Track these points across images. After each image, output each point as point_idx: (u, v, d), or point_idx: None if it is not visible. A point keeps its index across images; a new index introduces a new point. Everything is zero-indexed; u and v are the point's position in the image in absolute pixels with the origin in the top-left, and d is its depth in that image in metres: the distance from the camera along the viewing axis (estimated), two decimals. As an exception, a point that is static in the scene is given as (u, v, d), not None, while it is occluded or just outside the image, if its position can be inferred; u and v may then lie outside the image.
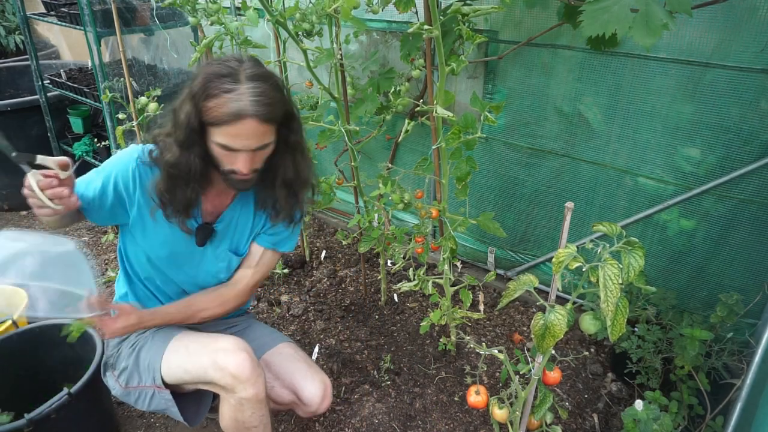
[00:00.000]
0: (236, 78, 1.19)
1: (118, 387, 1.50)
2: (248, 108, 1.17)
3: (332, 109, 2.15)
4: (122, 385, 1.49)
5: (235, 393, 1.35)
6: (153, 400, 1.46)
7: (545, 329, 1.11)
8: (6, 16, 4.95)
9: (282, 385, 1.56)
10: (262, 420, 1.44)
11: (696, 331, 1.68)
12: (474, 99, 1.54)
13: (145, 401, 1.47)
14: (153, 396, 1.46)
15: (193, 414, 1.53)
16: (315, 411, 1.57)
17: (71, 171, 1.20)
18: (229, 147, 1.23)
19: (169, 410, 1.46)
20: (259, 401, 1.39)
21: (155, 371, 1.43)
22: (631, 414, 1.53)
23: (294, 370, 1.57)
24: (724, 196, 1.82)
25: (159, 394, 1.45)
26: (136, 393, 1.48)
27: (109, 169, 1.37)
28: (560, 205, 2.22)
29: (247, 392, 1.35)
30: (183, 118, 1.24)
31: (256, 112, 1.18)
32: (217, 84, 1.19)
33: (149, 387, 1.45)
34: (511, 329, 2.31)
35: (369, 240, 2.05)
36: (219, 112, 1.18)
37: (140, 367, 1.47)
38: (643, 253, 1.01)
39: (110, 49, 2.78)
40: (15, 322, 1.88)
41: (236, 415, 1.40)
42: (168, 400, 1.45)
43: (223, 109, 1.18)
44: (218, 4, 1.92)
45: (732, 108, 1.70)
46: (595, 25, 1.24)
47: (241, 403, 1.36)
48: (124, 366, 1.49)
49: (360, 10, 2.06)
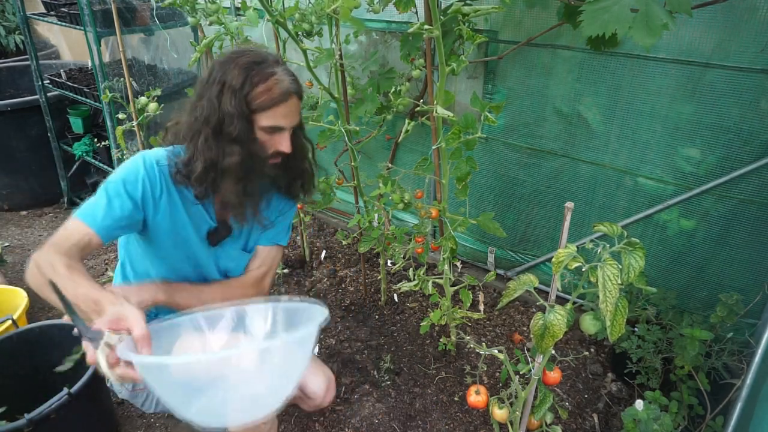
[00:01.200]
0: (270, 63, 1.26)
1: (125, 390, 1.50)
2: (291, 86, 1.27)
3: (332, 109, 2.15)
4: (128, 388, 1.49)
5: None
6: (159, 402, 1.47)
7: (545, 329, 1.11)
8: (6, 16, 4.95)
9: None
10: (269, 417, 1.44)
11: (696, 331, 1.68)
12: (474, 99, 1.54)
13: (151, 403, 1.48)
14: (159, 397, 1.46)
15: None
16: (319, 404, 1.57)
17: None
18: (278, 127, 1.28)
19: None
20: None
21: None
22: (631, 414, 1.53)
23: None
24: (724, 196, 1.82)
25: None
26: (143, 395, 1.48)
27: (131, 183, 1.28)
28: (560, 205, 2.22)
29: None
30: (231, 110, 1.23)
31: (297, 90, 1.29)
32: (258, 70, 1.23)
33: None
34: (511, 329, 2.31)
35: (369, 240, 2.05)
36: (270, 95, 1.24)
37: None
38: (643, 254, 1.01)
39: (110, 49, 2.78)
40: (15, 322, 1.88)
41: None
42: None
43: (274, 91, 1.24)
44: (218, 4, 1.92)
45: (732, 108, 1.70)
46: (595, 25, 1.25)
47: None
48: None
49: (360, 10, 2.06)
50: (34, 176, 3.36)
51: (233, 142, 1.26)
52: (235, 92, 1.23)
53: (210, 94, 1.25)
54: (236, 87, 1.23)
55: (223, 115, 1.25)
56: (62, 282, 1.04)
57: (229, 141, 1.26)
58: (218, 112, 1.25)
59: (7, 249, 2.99)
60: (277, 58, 1.29)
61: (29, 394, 1.71)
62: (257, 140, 1.29)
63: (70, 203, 3.46)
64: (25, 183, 3.36)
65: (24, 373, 1.81)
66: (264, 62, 1.25)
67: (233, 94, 1.23)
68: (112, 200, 1.24)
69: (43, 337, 1.83)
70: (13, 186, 3.35)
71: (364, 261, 2.51)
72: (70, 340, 1.87)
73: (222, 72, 1.25)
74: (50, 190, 3.46)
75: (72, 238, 1.21)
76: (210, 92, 1.25)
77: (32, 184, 3.39)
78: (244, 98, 1.23)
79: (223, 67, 1.25)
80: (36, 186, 3.40)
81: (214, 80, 1.25)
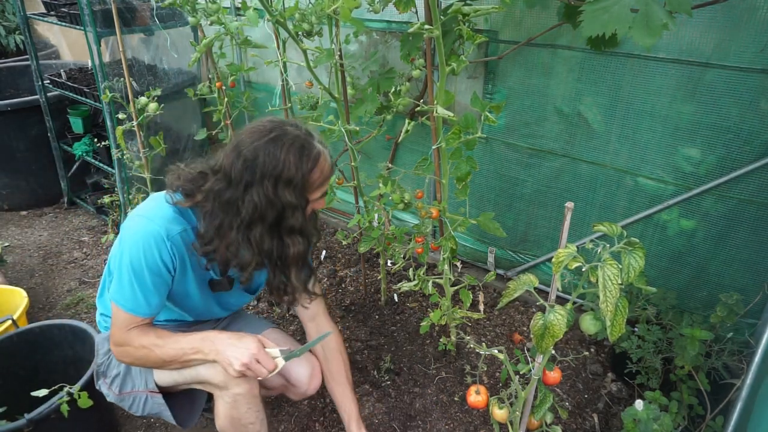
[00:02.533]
0: (310, 141, 1.25)
1: (112, 394, 1.51)
2: (330, 154, 1.30)
3: (332, 109, 2.15)
4: (115, 391, 1.49)
5: (228, 389, 1.35)
6: (146, 405, 1.47)
7: (545, 329, 1.11)
8: (6, 16, 4.95)
9: None
10: (258, 416, 1.44)
11: (696, 331, 1.67)
12: (474, 99, 1.54)
13: (138, 406, 1.48)
14: (146, 401, 1.46)
15: (187, 415, 1.53)
16: (305, 392, 1.60)
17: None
18: (325, 192, 1.32)
19: (163, 414, 1.47)
20: (254, 396, 1.40)
21: (147, 375, 1.44)
22: (631, 414, 1.53)
23: None
24: (724, 196, 1.82)
25: (152, 399, 1.45)
26: (129, 398, 1.48)
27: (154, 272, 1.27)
28: (560, 205, 2.22)
29: (241, 387, 1.35)
30: (292, 201, 1.22)
31: (330, 154, 1.31)
32: (308, 155, 1.22)
33: (142, 392, 1.46)
34: (511, 329, 2.31)
35: (369, 240, 2.05)
36: (323, 174, 1.26)
37: (132, 373, 1.47)
38: (643, 254, 1.01)
39: (110, 49, 2.78)
40: (15, 322, 1.88)
41: (232, 413, 1.40)
42: (161, 404, 1.45)
43: (325, 169, 1.27)
44: (218, 4, 1.92)
45: (732, 108, 1.70)
46: (595, 25, 1.24)
47: (235, 400, 1.37)
48: (116, 373, 1.49)
49: (361, 10, 2.06)
50: (34, 176, 3.36)
51: (296, 233, 1.28)
52: (295, 185, 1.21)
53: (263, 189, 1.20)
54: (295, 179, 1.20)
55: (284, 207, 1.22)
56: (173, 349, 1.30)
57: (290, 232, 1.27)
58: (277, 207, 1.22)
59: (7, 249, 2.99)
60: (307, 129, 1.27)
61: (29, 394, 1.71)
62: (309, 216, 1.32)
63: (70, 203, 3.46)
64: (25, 183, 3.36)
65: (24, 373, 1.81)
66: (306, 143, 1.23)
67: (294, 187, 1.21)
68: (149, 293, 1.28)
69: (43, 337, 1.83)
70: (13, 186, 3.34)
71: (364, 261, 2.51)
72: (70, 340, 1.89)
73: (271, 163, 1.19)
74: (50, 190, 3.46)
75: (131, 322, 1.30)
76: (262, 187, 1.20)
77: (32, 184, 3.39)
78: (303, 187, 1.23)
79: (270, 158, 1.19)
80: (36, 186, 3.41)
81: (264, 174, 1.19)
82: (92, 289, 2.65)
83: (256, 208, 1.21)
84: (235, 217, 1.23)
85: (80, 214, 3.39)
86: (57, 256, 2.95)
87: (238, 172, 1.20)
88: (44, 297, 2.61)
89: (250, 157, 1.19)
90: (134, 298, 1.27)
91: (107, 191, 3.10)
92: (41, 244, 3.06)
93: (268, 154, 1.19)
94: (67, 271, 2.81)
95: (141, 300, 1.27)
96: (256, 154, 1.19)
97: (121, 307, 1.28)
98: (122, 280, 1.27)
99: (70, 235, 3.15)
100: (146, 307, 1.28)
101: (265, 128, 1.23)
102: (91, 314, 2.47)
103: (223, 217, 1.24)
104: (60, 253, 2.97)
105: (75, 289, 2.66)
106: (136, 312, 1.28)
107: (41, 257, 2.94)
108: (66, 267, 2.85)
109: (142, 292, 1.26)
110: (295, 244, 1.28)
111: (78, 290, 2.65)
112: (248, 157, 1.19)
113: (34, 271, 2.81)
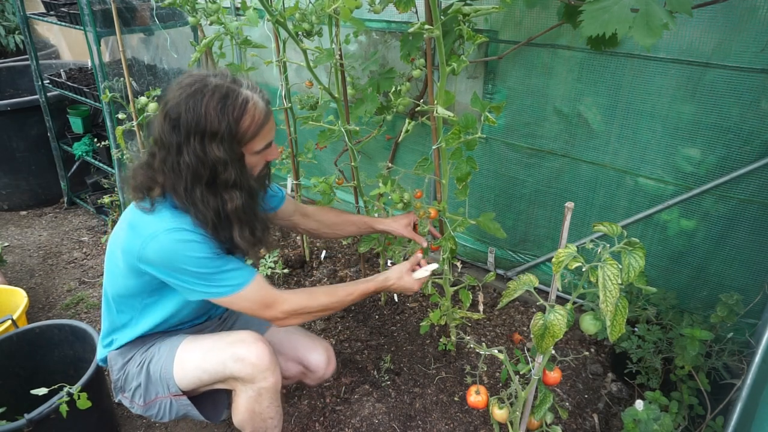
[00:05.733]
0: (235, 88, 1.18)
1: (137, 406, 1.50)
2: (264, 100, 1.23)
3: (332, 109, 2.15)
4: (140, 403, 1.49)
5: (255, 383, 1.36)
6: (172, 409, 1.47)
7: (545, 329, 1.11)
8: (6, 16, 4.95)
9: (287, 359, 1.64)
10: (278, 411, 1.48)
11: (696, 331, 1.67)
12: (474, 99, 1.54)
13: (165, 411, 1.48)
14: (171, 405, 1.46)
15: (212, 411, 1.54)
16: (322, 376, 1.67)
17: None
18: (269, 143, 1.27)
19: (190, 413, 1.47)
20: (277, 391, 1.43)
21: (168, 380, 1.43)
22: (631, 414, 1.53)
23: (296, 342, 1.66)
24: (724, 196, 1.82)
25: (177, 402, 1.45)
26: (155, 406, 1.48)
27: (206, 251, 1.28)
28: (560, 205, 2.22)
29: (268, 381, 1.37)
30: (222, 156, 1.16)
31: (268, 99, 1.25)
32: (232, 103, 1.16)
33: (165, 397, 1.45)
34: (511, 329, 2.31)
35: (369, 240, 2.05)
36: (254, 122, 1.19)
37: (152, 381, 1.46)
38: (643, 254, 1.01)
39: (110, 49, 2.78)
40: (15, 322, 1.88)
41: (254, 407, 1.41)
42: (187, 405, 1.45)
43: (256, 116, 1.19)
44: (218, 4, 1.92)
45: (732, 108, 1.70)
46: (595, 25, 1.24)
47: (260, 393, 1.38)
48: (135, 385, 1.48)
49: (361, 10, 2.06)
50: (34, 176, 3.36)
51: (232, 188, 1.22)
52: (221, 138, 1.15)
53: (191, 148, 1.16)
54: (220, 131, 1.15)
55: (214, 164, 1.18)
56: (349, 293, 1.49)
57: (225, 187, 1.22)
58: (208, 164, 1.17)
59: (7, 249, 2.99)
60: (233, 77, 1.21)
61: (29, 394, 1.71)
62: (250, 168, 1.27)
63: (69, 203, 3.46)
64: (25, 183, 3.36)
65: (24, 373, 1.81)
66: (230, 91, 1.16)
67: (220, 140, 1.15)
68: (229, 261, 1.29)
69: (43, 337, 1.83)
70: (13, 186, 3.34)
71: (363, 261, 2.51)
72: (70, 340, 1.89)
73: (193, 119, 1.14)
74: (50, 190, 3.46)
75: (260, 286, 1.33)
76: (190, 146, 1.16)
77: (32, 184, 3.39)
78: (232, 139, 1.17)
79: (192, 113, 1.14)
80: (36, 186, 3.41)
81: (189, 131, 1.15)
82: (92, 289, 2.65)
83: (189, 168, 1.18)
84: (179, 182, 1.21)
85: (80, 214, 3.39)
86: (57, 256, 2.95)
87: (167, 136, 1.18)
88: (44, 297, 2.61)
89: (174, 116, 1.16)
90: (234, 274, 1.28)
91: (107, 191, 3.10)
92: (41, 244, 3.06)
93: (188, 110, 1.14)
94: (67, 271, 2.81)
95: (236, 270, 1.28)
96: (178, 112, 1.15)
97: (241, 288, 1.28)
98: (213, 278, 1.25)
99: (70, 235, 3.16)
100: (245, 269, 1.29)
101: (185, 83, 1.18)
102: (91, 314, 2.47)
103: (175, 183, 1.22)
104: (60, 253, 2.97)
105: (75, 289, 2.66)
106: (249, 278, 1.29)
107: (41, 257, 2.94)
108: (66, 267, 2.85)
109: (227, 265, 1.27)
110: (233, 199, 1.22)
111: (78, 290, 2.65)
112: (172, 117, 1.16)
113: (34, 271, 2.81)
